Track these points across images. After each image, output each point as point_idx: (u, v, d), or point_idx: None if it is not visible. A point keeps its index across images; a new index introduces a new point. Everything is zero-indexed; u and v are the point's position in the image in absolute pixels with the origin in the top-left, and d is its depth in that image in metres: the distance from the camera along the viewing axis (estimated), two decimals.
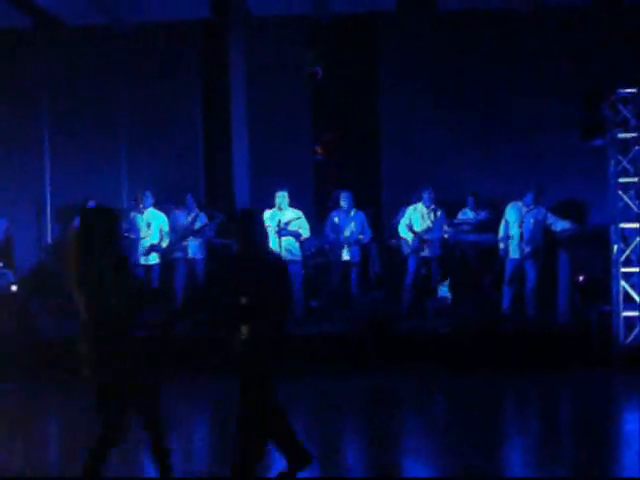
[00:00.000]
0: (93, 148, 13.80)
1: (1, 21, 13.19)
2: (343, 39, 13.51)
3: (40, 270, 13.20)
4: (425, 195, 11.88)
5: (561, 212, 11.63)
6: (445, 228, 12.01)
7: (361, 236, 12.05)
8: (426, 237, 11.81)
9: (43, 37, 13.79)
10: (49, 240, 14.02)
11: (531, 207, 11.42)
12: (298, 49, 13.48)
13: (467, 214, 12.69)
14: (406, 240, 11.97)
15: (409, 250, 11.93)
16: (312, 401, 9.02)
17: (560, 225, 11.31)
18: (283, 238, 11.23)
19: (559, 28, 12.79)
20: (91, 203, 12.32)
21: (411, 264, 11.93)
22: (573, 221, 11.41)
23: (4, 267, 12.05)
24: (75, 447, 7.07)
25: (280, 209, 11.65)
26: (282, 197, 11.69)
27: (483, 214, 12.42)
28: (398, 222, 12.16)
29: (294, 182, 12.23)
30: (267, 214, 11.68)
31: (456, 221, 12.44)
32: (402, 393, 9.41)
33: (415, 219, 11.93)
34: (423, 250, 11.84)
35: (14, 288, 11.71)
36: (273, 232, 11.55)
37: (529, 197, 11.39)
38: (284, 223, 11.33)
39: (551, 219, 11.37)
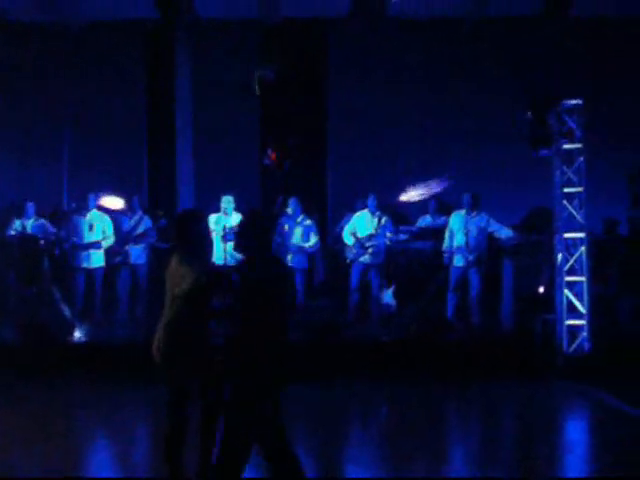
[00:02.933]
0: (34, 149, 13.52)
1: None
2: (293, 43, 13.45)
3: None
4: (369, 202, 11.87)
5: (525, 222, 11.70)
6: (388, 234, 11.98)
7: (307, 243, 11.99)
8: (368, 244, 11.78)
9: None
10: None
11: (473, 215, 11.47)
12: (246, 52, 13.35)
13: (427, 219, 12.52)
14: (349, 246, 11.94)
15: (351, 257, 11.89)
16: None
17: (504, 233, 11.38)
18: (229, 243, 11.10)
19: (507, 37, 12.88)
20: (29, 204, 12.10)
21: (354, 271, 11.91)
22: (520, 231, 11.51)
23: None
24: None
25: (226, 214, 11.54)
26: (228, 202, 11.60)
27: (442, 219, 12.32)
28: (342, 228, 12.12)
29: (240, 187, 12.13)
30: (212, 218, 11.58)
31: (403, 228, 12.40)
32: (342, 402, 9.31)
33: (360, 225, 11.91)
34: (364, 256, 11.81)
35: None
36: (218, 237, 11.47)
37: (466, 203, 11.49)
38: (229, 228, 11.22)
39: (494, 226, 11.43)
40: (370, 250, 11.81)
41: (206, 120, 13.23)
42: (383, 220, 11.82)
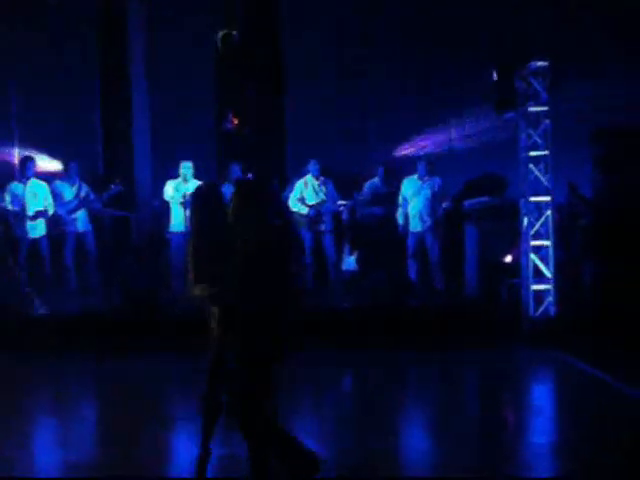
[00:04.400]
0: None
1: None
2: (248, 4, 13.11)
3: None
4: (312, 167, 11.69)
5: (480, 186, 11.61)
6: (340, 201, 11.77)
7: None
8: (321, 210, 11.63)
9: None
10: None
11: (426, 179, 11.39)
12: (202, 14, 12.99)
13: (375, 184, 12.24)
14: (299, 214, 11.70)
15: (305, 225, 11.67)
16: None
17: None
18: (188, 210, 10.84)
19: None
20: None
21: (307, 238, 11.71)
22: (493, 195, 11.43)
23: None
24: None
25: (185, 180, 11.29)
26: (187, 168, 11.41)
27: (392, 186, 12.02)
28: (288, 196, 11.91)
29: (198, 152, 11.94)
30: (171, 184, 11.32)
31: (356, 194, 12.14)
32: (300, 372, 9.14)
33: (307, 193, 11.70)
34: (318, 224, 11.66)
35: None
36: (177, 203, 11.24)
37: (421, 169, 11.39)
38: (189, 195, 10.93)
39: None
40: (323, 217, 11.65)
41: (162, 85, 12.86)
42: (329, 186, 11.69)
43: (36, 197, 11.53)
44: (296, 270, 5.38)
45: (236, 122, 12.13)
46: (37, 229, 11.54)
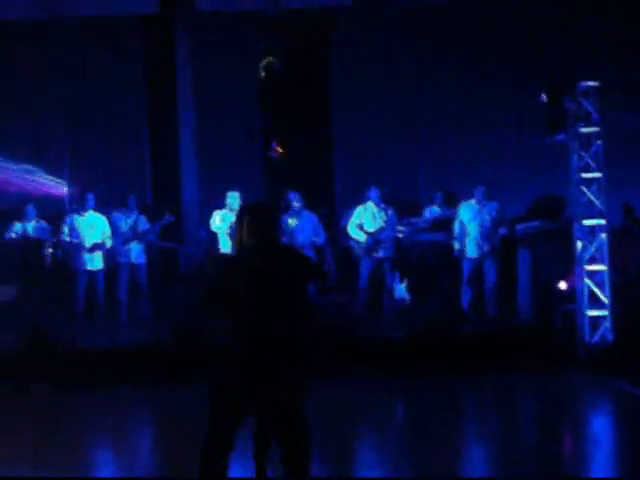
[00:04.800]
0: (33, 148, 13.24)
1: None
2: (295, 34, 13.09)
3: None
4: (372, 194, 11.56)
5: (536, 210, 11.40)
6: (400, 228, 11.66)
7: (315, 238, 11.64)
8: (378, 237, 11.48)
9: None
10: None
11: (484, 204, 11.21)
12: (248, 46, 13.06)
13: (434, 210, 12.14)
14: (357, 241, 11.60)
15: (362, 251, 11.57)
16: None
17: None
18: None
19: (520, 17, 12.48)
20: (30, 207, 11.84)
21: (365, 266, 11.59)
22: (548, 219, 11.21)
23: None
24: None
25: (232, 210, 11.22)
26: (233, 197, 11.31)
27: (451, 211, 11.90)
28: (347, 223, 11.79)
29: (244, 181, 11.85)
30: (218, 215, 11.28)
31: (413, 220, 12.07)
32: (359, 400, 9.02)
33: (366, 219, 11.58)
34: (377, 251, 11.51)
35: None
36: (225, 234, 11.19)
37: (479, 193, 11.19)
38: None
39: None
40: (382, 244, 11.48)
41: (209, 115, 12.93)
42: (389, 212, 11.52)
43: (94, 229, 11.64)
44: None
45: (280, 150, 12.10)
46: (94, 261, 11.63)
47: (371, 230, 11.53)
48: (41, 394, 9.32)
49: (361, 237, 11.58)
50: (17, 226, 11.96)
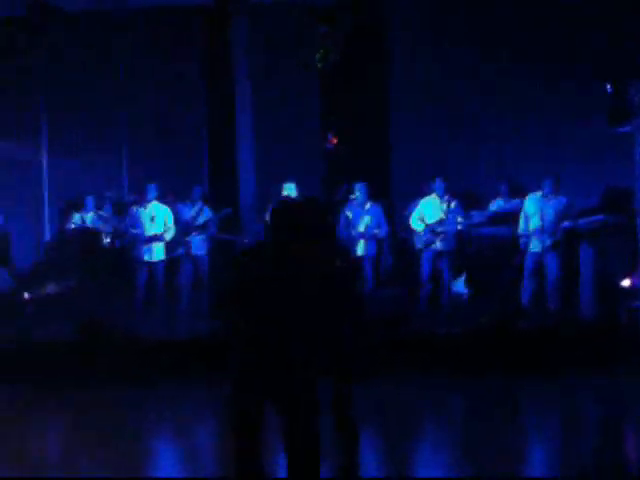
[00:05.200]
0: (91, 139, 13.33)
1: None
2: (351, 23, 12.92)
3: (38, 268, 12.70)
4: (436, 185, 11.39)
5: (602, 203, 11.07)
6: (459, 219, 11.44)
7: (377, 230, 11.50)
8: (438, 229, 11.30)
9: (39, 24, 13.25)
10: (47, 237, 13.53)
11: (550, 197, 10.93)
12: (304, 35, 12.95)
13: (499, 203, 11.90)
14: (418, 233, 11.46)
15: (420, 243, 11.43)
16: None
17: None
18: None
19: (584, 9, 12.12)
20: (89, 198, 11.89)
21: (425, 259, 11.45)
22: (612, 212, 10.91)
23: None
24: None
25: None
26: (290, 189, 11.31)
27: (515, 202, 11.59)
28: (410, 214, 11.64)
29: (302, 172, 11.84)
30: None
31: (473, 213, 11.83)
32: (416, 398, 8.84)
33: (427, 211, 11.43)
34: (435, 243, 11.34)
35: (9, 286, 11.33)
36: None
37: (547, 186, 10.89)
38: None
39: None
40: (441, 236, 11.31)
41: (266, 106, 12.87)
42: (452, 204, 11.33)
43: (155, 220, 11.67)
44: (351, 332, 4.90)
45: (335, 142, 11.98)
46: (154, 252, 11.67)
47: (430, 222, 11.37)
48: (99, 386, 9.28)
49: (420, 228, 11.44)
50: (76, 217, 12.06)
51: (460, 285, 11.37)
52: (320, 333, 4.69)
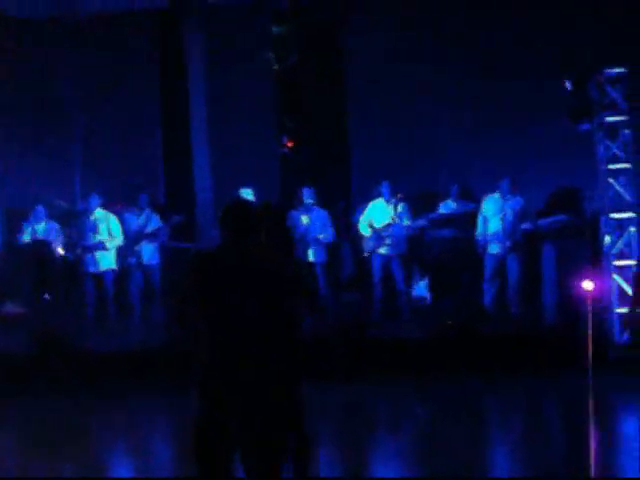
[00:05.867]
0: (44, 146, 13.02)
1: None
2: (308, 25, 12.77)
3: None
4: (383, 189, 11.32)
5: (555, 203, 11.01)
6: (406, 222, 11.30)
7: (321, 235, 11.31)
8: (385, 234, 11.18)
9: None
10: None
11: (508, 197, 10.86)
12: (260, 37, 12.81)
13: (449, 205, 11.71)
14: (366, 238, 11.36)
15: (368, 248, 11.33)
16: None
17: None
18: None
19: (542, 7, 12.04)
20: (39, 208, 11.61)
21: (374, 263, 11.34)
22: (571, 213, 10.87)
23: None
24: None
25: None
26: (247, 194, 11.14)
27: (469, 206, 11.50)
28: (358, 219, 11.54)
29: (259, 177, 11.66)
30: None
31: (431, 215, 11.66)
32: (377, 404, 8.75)
33: (375, 215, 11.34)
34: (382, 248, 11.23)
35: None
36: None
37: (504, 187, 10.86)
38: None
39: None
40: (388, 241, 11.20)
41: (221, 110, 12.67)
42: (399, 207, 11.23)
43: (98, 229, 11.43)
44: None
45: (291, 145, 11.84)
46: (101, 262, 11.43)
47: (378, 226, 11.23)
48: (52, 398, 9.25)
49: (367, 233, 11.34)
50: (27, 228, 11.74)
51: (422, 289, 11.21)
52: (280, 333, 4.48)
